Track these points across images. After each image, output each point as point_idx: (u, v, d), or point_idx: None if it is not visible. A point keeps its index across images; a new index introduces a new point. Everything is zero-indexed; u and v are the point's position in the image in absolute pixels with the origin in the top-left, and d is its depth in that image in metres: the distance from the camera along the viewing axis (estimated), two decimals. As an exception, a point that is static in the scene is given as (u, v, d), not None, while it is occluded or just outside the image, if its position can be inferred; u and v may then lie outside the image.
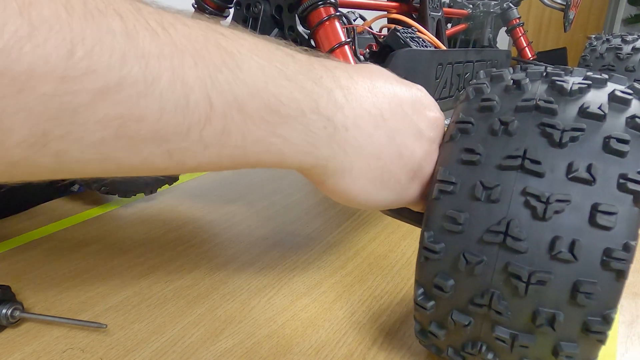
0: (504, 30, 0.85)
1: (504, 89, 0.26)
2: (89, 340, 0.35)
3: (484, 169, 0.23)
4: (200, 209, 0.59)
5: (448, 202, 0.24)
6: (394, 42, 0.48)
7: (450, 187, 0.24)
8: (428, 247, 0.24)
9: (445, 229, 0.24)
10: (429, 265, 0.25)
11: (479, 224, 0.23)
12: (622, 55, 0.65)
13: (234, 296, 0.40)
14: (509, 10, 0.81)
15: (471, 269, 0.23)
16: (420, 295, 0.26)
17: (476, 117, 0.25)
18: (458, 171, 0.24)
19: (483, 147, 0.24)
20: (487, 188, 0.23)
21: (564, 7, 0.83)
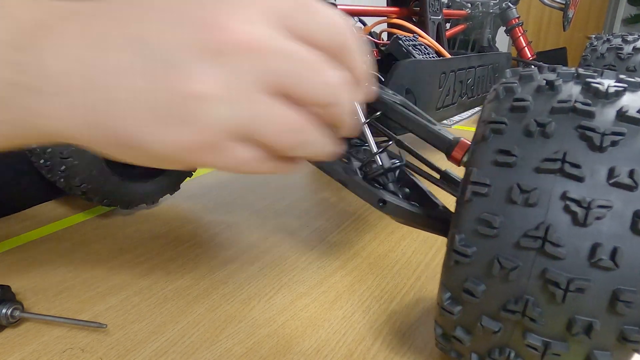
0: (502, 30, 0.85)
1: (536, 89, 0.25)
2: (88, 340, 0.35)
3: (521, 171, 0.22)
4: (200, 209, 0.59)
5: (482, 204, 0.23)
6: (396, 51, 0.48)
7: (485, 189, 0.23)
8: (459, 250, 0.23)
9: (479, 232, 0.23)
10: (458, 269, 0.24)
11: (516, 228, 0.22)
12: (623, 55, 0.65)
13: (234, 296, 0.40)
14: (508, 10, 0.81)
15: (506, 274, 0.22)
16: (447, 299, 0.25)
17: (509, 118, 0.24)
18: (492, 173, 0.23)
19: (519, 149, 0.23)
20: (525, 191, 0.22)
21: (563, 7, 0.83)
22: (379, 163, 0.33)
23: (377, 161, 0.34)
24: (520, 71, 0.27)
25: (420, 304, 0.39)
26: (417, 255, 0.47)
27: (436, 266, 0.45)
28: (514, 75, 0.27)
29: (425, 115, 0.37)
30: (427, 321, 0.37)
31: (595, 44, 0.69)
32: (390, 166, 0.33)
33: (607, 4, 3.87)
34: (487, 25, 0.80)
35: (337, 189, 0.65)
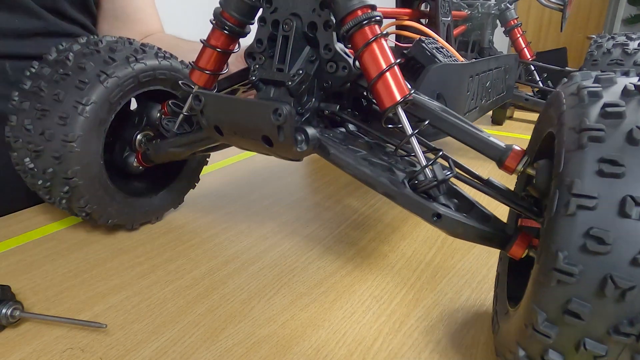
0: (501, 31, 0.85)
1: (623, 92, 0.24)
2: (88, 340, 0.35)
3: (630, 182, 0.21)
4: (200, 208, 0.59)
5: (589, 219, 0.21)
6: (420, 54, 0.47)
7: (593, 202, 0.21)
8: (563, 269, 0.22)
9: (588, 249, 0.21)
10: (560, 289, 0.22)
11: (629, 244, 0.20)
12: (629, 50, 0.65)
13: (233, 296, 0.40)
14: (506, 11, 0.81)
15: (621, 294, 0.21)
16: (543, 321, 0.23)
17: (605, 124, 0.23)
18: (598, 184, 0.22)
19: (625, 158, 0.21)
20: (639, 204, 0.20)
21: (561, 7, 0.83)
22: (430, 175, 0.31)
23: (427, 173, 0.31)
24: (594, 74, 0.26)
25: (421, 303, 0.39)
26: (418, 255, 0.47)
27: (436, 266, 0.45)
28: (587, 77, 0.26)
29: (468, 121, 0.36)
30: (427, 321, 0.37)
31: (599, 41, 0.70)
32: (443, 178, 0.31)
33: (607, 4, 3.87)
34: (488, 27, 0.80)
35: (338, 189, 0.65)
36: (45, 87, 0.42)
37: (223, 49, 0.41)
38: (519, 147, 0.32)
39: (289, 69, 0.35)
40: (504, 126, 1.01)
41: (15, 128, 0.43)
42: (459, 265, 0.45)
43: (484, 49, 0.81)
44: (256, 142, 0.35)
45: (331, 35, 0.34)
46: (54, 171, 0.43)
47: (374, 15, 0.32)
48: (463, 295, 0.40)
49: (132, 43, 0.47)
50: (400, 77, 0.33)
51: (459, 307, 0.39)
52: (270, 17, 0.36)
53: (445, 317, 0.37)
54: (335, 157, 0.34)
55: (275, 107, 0.32)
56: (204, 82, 0.43)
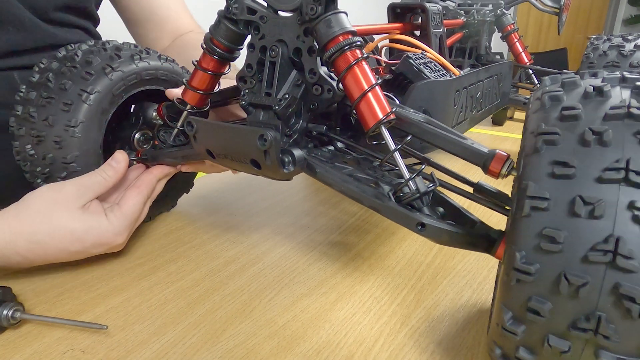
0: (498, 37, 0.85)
1: (583, 95, 0.24)
2: (89, 342, 0.35)
3: (581, 183, 0.21)
4: (200, 210, 0.59)
5: (542, 219, 0.22)
6: (408, 70, 0.48)
7: (545, 203, 0.22)
8: (521, 268, 0.22)
9: (542, 248, 0.22)
10: (521, 287, 0.23)
11: (581, 242, 0.21)
12: (625, 52, 0.65)
13: (234, 297, 0.40)
14: (503, 17, 0.81)
15: (574, 290, 0.21)
16: (509, 319, 0.24)
17: (561, 127, 0.23)
18: (550, 186, 0.22)
19: (576, 160, 0.22)
20: (588, 203, 0.21)
21: (557, 11, 0.83)
22: (413, 188, 0.33)
23: (411, 186, 0.33)
24: (560, 78, 0.26)
25: (422, 304, 0.39)
26: (418, 256, 0.47)
27: (437, 267, 0.45)
28: (554, 82, 0.27)
29: (452, 130, 0.36)
30: (428, 322, 0.37)
31: (595, 43, 0.69)
32: (425, 190, 0.32)
33: (607, 5, 3.87)
34: (484, 33, 0.80)
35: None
36: (53, 78, 0.44)
37: (214, 72, 0.43)
38: (503, 152, 0.33)
39: (277, 93, 0.37)
40: (505, 127, 1.01)
41: (20, 117, 0.45)
42: (460, 266, 0.45)
43: (481, 56, 0.81)
44: (246, 164, 0.37)
45: (315, 60, 0.36)
46: (54, 156, 0.44)
47: (354, 41, 0.34)
48: (464, 296, 0.40)
49: (137, 46, 0.49)
50: (381, 96, 0.34)
51: (459, 308, 0.39)
52: (258, 43, 0.38)
53: (446, 318, 0.37)
54: (321, 176, 0.36)
55: (260, 133, 0.34)
56: (196, 101, 0.45)
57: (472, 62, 0.80)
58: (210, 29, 0.41)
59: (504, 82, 0.69)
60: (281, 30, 0.36)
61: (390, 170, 0.37)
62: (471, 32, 0.79)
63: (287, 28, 0.36)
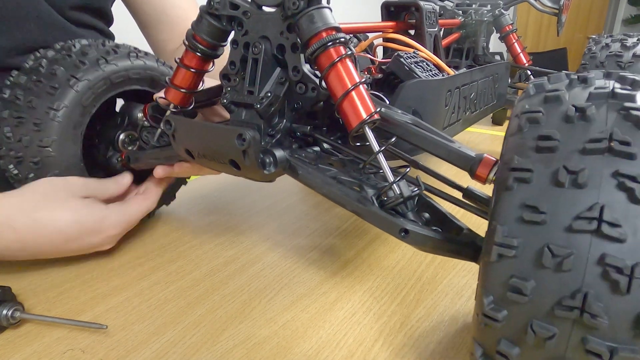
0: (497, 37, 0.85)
1: (564, 118, 0.23)
2: (89, 341, 0.35)
3: (551, 231, 0.21)
4: (200, 210, 0.59)
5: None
6: (398, 69, 0.47)
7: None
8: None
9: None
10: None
11: (548, 295, 0.20)
12: (623, 64, 0.64)
13: (234, 297, 0.40)
14: (501, 17, 0.81)
15: (541, 342, 0.20)
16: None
17: (535, 160, 0.22)
18: (520, 232, 0.22)
19: (547, 204, 0.21)
20: (557, 255, 0.20)
21: (556, 12, 0.83)
22: (397, 192, 0.31)
23: (395, 190, 0.31)
24: (545, 88, 0.25)
25: (422, 304, 0.39)
26: (418, 256, 0.47)
27: (437, 267, 0.45)
28: (536, 91, 0.26)
29: (441, 132, 0.36)
30: (428, 321, 0.37)
31: (593, 49, 0.68)
32: (410, 194, 0.31)
33: (607, 5, 3.87)
34: (481, 33, 0.80)
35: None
36: (21, 95, 0.43)
37: (197, 70, 0.42)
38: (490, 156, 0.32)
39: (259, 91, 0.36)
40: (504, 126, 1.01)
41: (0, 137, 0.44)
42: (460, 266, 0.45)
43: (478, 56, 0.80)
44: (225, 165, 0.36)
45: (299, 57, 0.35)
46: (36, 176, 0.43)
47: (338, 37, 0.33)
48: (464, 296, 0.40)
49: (104, 45, 0.47)
50: (365, 96, 0.33)
51: (459, 308, 0.39)
52: (241, 39, 0.37)
53: (446, 317, 0.37)
54: (303, 178, 0.35)
55: (239, 132, 0.33)
56: (179, 100, 0.43)
57: (469, 62, 0.80)
58: (192, 24, 0.40)
59: (501, 83, 0.68)
60: (264, 26, 0.35)
61: (376, 173, 0.36)
62: (469, 33, 0.79)
63: (270, 24, 0.35)
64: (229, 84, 0.38)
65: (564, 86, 0.25)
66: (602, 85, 0.24)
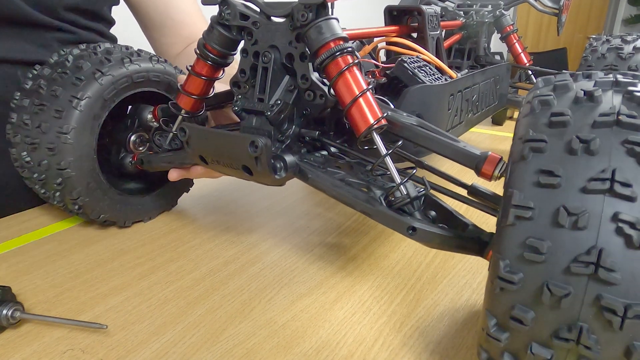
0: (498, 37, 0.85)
1: (574, 100, 0.24)
2: (89, 341, 0.35)
3: (566, 193, 0.21)
4: (200, 210, 0.59)
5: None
6: (402, 74, 0.48)
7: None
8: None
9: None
10: (504, 295, 0.23)
11: (564, 253, 0.21)
12: (624, 55, 0.65)
13: (234, 297, 0.40)
14: (502, 18, 0.81)
15: (556, 301, 0.21)
16: (493, 326, 0.24)
17: (549, 134, 0.23)
18: (535, 195, 0.22)
19: (562, 169, 0.22)
20: (572, 214, 0.21)
21: (557, 12, 0.83)
22: (404, 192, 0.33)
23: (402, 190, 0.33)
24: (552, 80, 0.26)
25: (421, 304, 0.39)
26: (418, 256, 0.47)
27: (436, 267, 0.45)
28: (546, 84, 0.27)
29: (446, 133, 0.36)
30: (428, 321, 0.37)
31: (594, 44, 0.69)
32: (416, 195, 0.33)
33: (607, 5, 3.87)
34: (483, 34, 0.80)
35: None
36: (45, 85, 0.44)
37: (208, 77, 0.43)
38: (495, 154, 0.33)
39: (269, 99, 0.37)
40: (504, 126, 1.01)
41: (15, 124, 0.45)
42: (460, 266, 0.45)
43: (479, 57, 0.80)
44: (238, 170, 0.37)
45: (307, 66, 0.36)
46: (48, 163, 0.44)
47: (345, 47, 0.34)
48: (464, 296, 0.40)
49: (128, 49, 0.49)
50: (372, 101, 0.35)
51: (459, 308, 0.39)
52: (251, 48, 0.38)
53: (446, 317, 0.37)
54: (313, 181, 0.36)
55: (251, 140, 0.34)
56: (191, 106, 0.45)
57: (470, 63, 0.80)
58: (204, 34, 0.41)
59: (502, 84, 0.69)
60: (274, 35, 0.37)
61: (383, 174, 0.37)
62: (470, 33, 0.79)
63: (279, 34, 0.36)
64: (240, 91, 0.39)
65: (570, 79, 0.27)
66: (605, 77, 0.25)
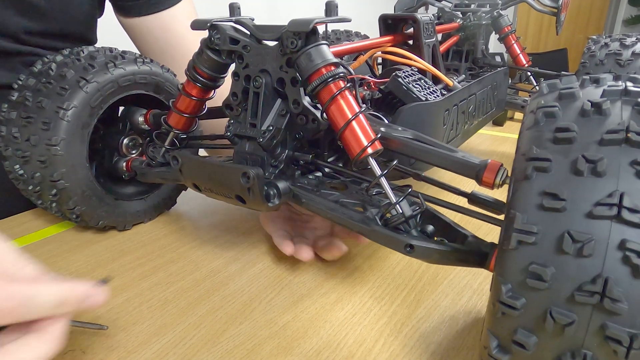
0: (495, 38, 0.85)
1: (580, 112, 0.23)
2: (90, 342, 0.35)
3: (571, 217, 0.21)
4: (201, 210, 0.59)
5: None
6: (396, 89, 0.47)
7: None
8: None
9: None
10: (506, 319, 0.22)
11: (568, 281, 0.20)
12: (622, 62, 0.64)
13: (235, 298, 0.40)
14: (499, 18, 0.81)
15: (560, 328, 0.21)
16: (495, 347, 0.24)
17: (553, 152, 0.22)
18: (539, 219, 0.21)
19: (567, 191, 0.21)
20: (577, 241, 0.20)
21: (555, 11, 0.83)
22: (400, 212, 0.32)
23: (397, 210, 0.32)
24: (557, 85, 0.26)
25: (422, 305, 0.39)
26: (418, 256, 0.47)
27: (437, 268, 0.45)
28: (551, 90, 0.26)
29: (442, 143, 0.36)
30: (429, 322, 0.37)
31: (592, 49, 0.68)
32: (411, 214, 0.32)
33: (607, 5, 3.87)
34: (480, 36, 0.80)
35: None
36: (30, 97, 0.44)
37: (198, 98, 0.43)
38: (495, 161, 0.32)
39: (261, 124, 0.37)
40: (505, 127, 1.00)
41: (5, 137, 0.45)
42: (460, 267, 0.45)
43: (477, 59, 0.80)
44: (231, 199, 0.37)
45: (299, 91, 0.36)
46: (41, 175, 0.44)
47: (337, 73, 0.34)
48: (464, 297, 0.40)
49: (112, 51, 0.49)
50: (365, 124, 0.34)
51: (460, 309, 0.39)
52: (242, 72, 0.38)
53: (447, 318, 0.37)
54: (307, 205, 0.36)
55: (243, 171, 0.34)
56: (182, 125, 0.45)
57: (468, 65, 0.80)
58: (194, 56, 0.41)
59: (499, 90, 0.68)
60: (264, 59, 0.36)
61: (378, 192, 0.37)
62: (468, 35, 0.79)
63: (270, 58, 0.36)
64: (232, 114, 0.39)
65: (577, 85, 0.26)
66: (614, 84, 0.24)
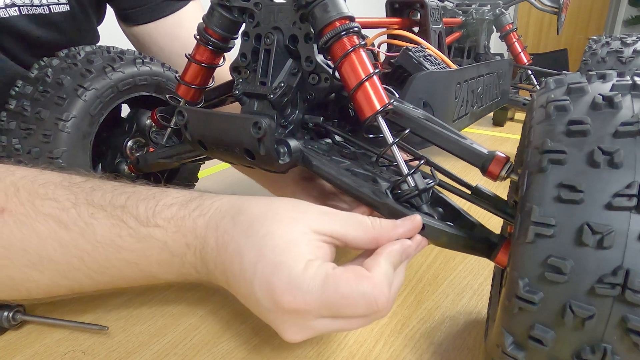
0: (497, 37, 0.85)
1: (592, 106, 0.23)
2: (90, 343, 0.35)
3: (590, 209, 0.20)
4: (201, 211, 0.59)
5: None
6: (407, 63, 0.47)
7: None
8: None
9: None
10: (523, 315, 0.22)
11: (588, 273, 0.20)
12: (624, 59, 0.64)
13: (235, 298, 0.40)
14: (501, 16, 0.81)
15: (580, 322, 0.20)
16: (510, 344, 0.23)
17: (567, 144, 0.22)
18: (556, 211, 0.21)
19: (584, 183, 0.21)
20: (597, 232, 0.20)
21: (557, 11, 0.83)
22: (412, 184, 0.31)
23: (409, 182, 0.31)
24: (565, 80, 0.26)
25: (423, 305, 0.39)
26: (418, 256, 0.47)
27: (437, 268, 0.45)
28: (558, 85, 0.26)
29: (452, 128, 0.35)
30: (429, 323, 0.37)
31: (594, 47, 0.68)
32: (424, 187, 0.31)
33: (607, 6, 3.87)
34: (482, 33, 0.80)
35: (339, 190, 0.65)
36: (28, 106, 0.42)
37: (208, 64, 0.42)
38: (502, 154, 0.32)
39: (272, 82, 0.36)
40: (505, 127, 1.01)
41: (7, 148, 0.43)
42: (460, 268, 0.45)
43: (479, 55, 0.81)
44: (239, 155, 0.36)
45: (312, 48, 0.35)
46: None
47: (352, 27, 0.33)
48: (464, 297, 0.40)
49: (110, 51, 0.47)
50: (379, 86, 0.33)
51: (460, 309, 0.39)
52: (253, 31, 0.37)
53: (447, 319, 0.37)
54: (317, 169, 0.35)
55: (254, 121, 0.33)
56: (191, 96, 0.43)
57: (470, 61, 0.80)
58: (204, 18, 0.39)
59: (504, 80, 0.69)
60: (276, 17, 0.35)
61: (388, 166, 0.36)
62: (469, 32, 0.79)
63: (282, 15, 0.35)
64: (240, 77, 0.38)
65: (584, 80, 0.26)
66: (622, 79, 0.24)
